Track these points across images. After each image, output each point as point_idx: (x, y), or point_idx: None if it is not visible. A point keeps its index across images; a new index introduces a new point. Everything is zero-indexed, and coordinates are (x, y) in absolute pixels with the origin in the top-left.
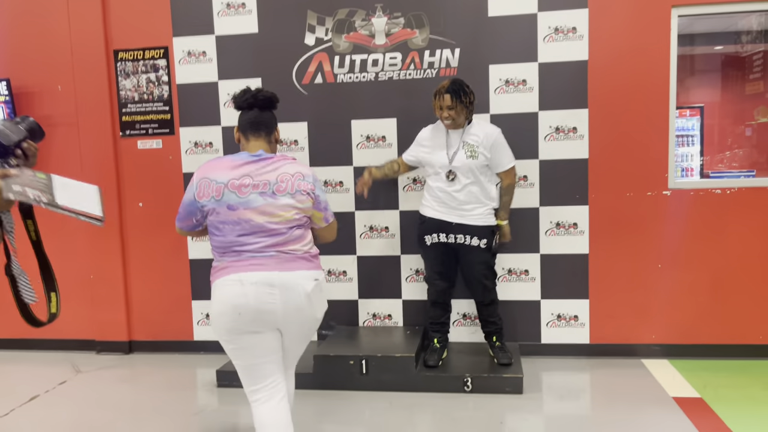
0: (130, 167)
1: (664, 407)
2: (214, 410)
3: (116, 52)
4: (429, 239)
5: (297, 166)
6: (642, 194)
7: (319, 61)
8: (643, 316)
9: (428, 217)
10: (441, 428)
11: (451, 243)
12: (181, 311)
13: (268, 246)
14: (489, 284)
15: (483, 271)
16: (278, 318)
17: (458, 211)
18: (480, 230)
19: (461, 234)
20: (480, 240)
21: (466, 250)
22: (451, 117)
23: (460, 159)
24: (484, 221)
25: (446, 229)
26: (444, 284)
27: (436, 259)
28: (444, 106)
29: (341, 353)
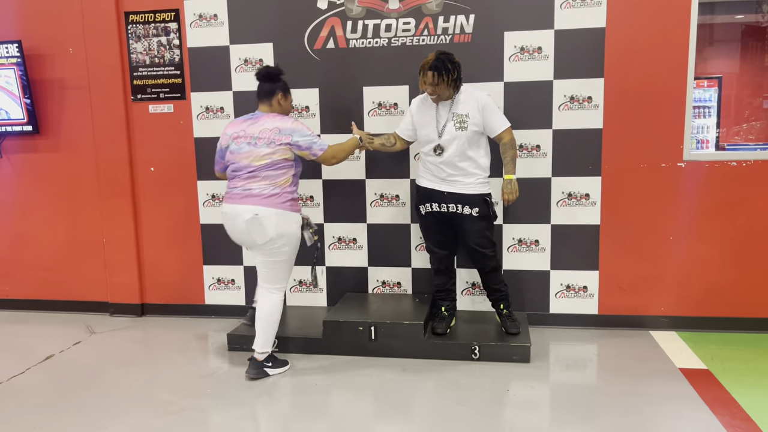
0: (142, 132)
1: (670, 378)
2: (224, 372)
3: (127, 14)
4: (423, 208)
5: (277, 122)
6: (656, 166)
7: (331, 25)
8: (653, 288)
9: (422, 187)
10: (448, 394)
11: (445, 212)
12: (192, 275)
13: (239, 185)
14: (488, 252)
15: (478, 239)
16: (239, 239)
17: (447, 181)
18: (471, 198)
19: (453, 203)
20: (472, 209)
21: (461, 219)
22: (435, 93)
23: (449, 132)
24: (475, 189)
25: (439, 199)
26: (443, 252)
27: (432, 227)
28: (428, 83)
29: (350, 319)
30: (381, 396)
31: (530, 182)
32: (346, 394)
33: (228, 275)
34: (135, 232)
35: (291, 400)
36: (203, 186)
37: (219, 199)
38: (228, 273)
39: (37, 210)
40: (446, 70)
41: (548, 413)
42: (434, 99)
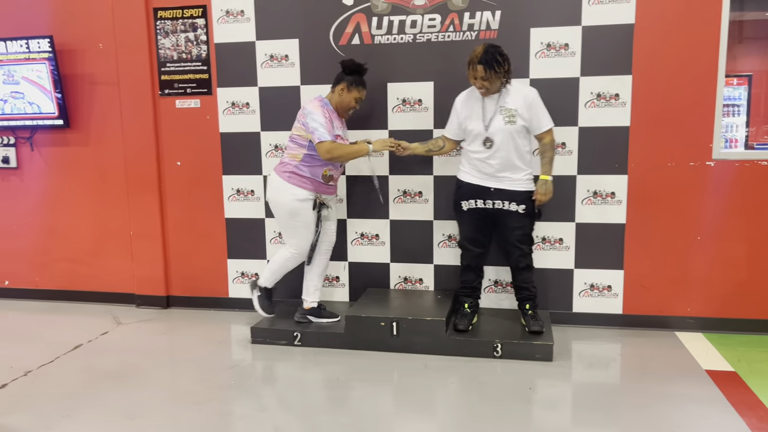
0: (169, 126)
1: (696, 379)
2: (248, 365)
3: (156, 10)
4: (465, 204)
5: (309, 102)
6: (684, 164)
7: (356, 21)
8: (679, 288)
9: (465, 182)
10: (469, 391)
11: (489, 209)
12: (217, 269)
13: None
14: (525, 249)
15: (520, 236)
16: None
17: (495, 177)
18: (518, 195)
19: (499, 199)
20: (518, 205)
21: (504, 215)
22: (484, 87)
23: (496, 125)
24: (523, 186)
25: (483, 195)
26: (478, 250)
27: (471, 224)
28: (477, 77)
29: (372, 314)
30: (402, 392)
31: (555, 180)
32: (368, 389)
33: (252, 269)
34: (161, 225)
35: (313, 394)
36: (228, 180)
37: (243, 193)
38: (252, 267)
39: (67, 203)
40: (496, 63)
41: (571, 412)
42: (483, 93)
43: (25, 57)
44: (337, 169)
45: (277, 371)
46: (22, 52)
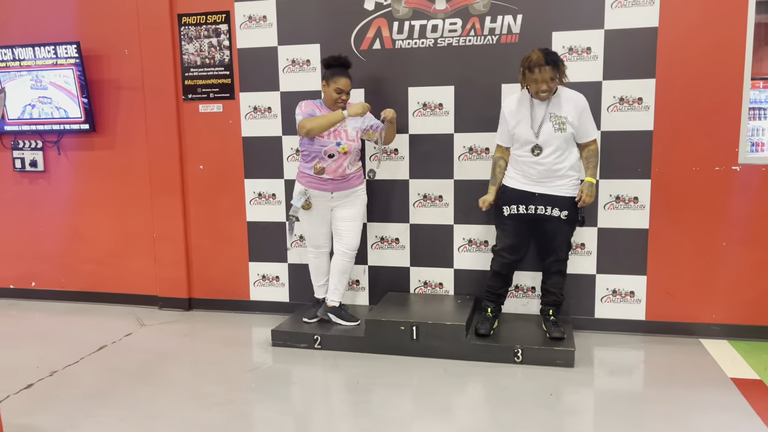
0: (192, 130)
1: (721, 388)
2: (268, 367)
3: (180, 16)
4: (507, 210)
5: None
6: (709, 169)
7: (378, 26)
8: (704, 294)
9: (510, 188)
10: (490, 397)
11: (531, 214)
12: (238, 271)
13: None
14: (562, 255)
15: (559, 242)
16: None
17: (542, 183)
18: (563, 201)
19: (542, 205)
20: (561, 211)
21: (545, 220)
22: (549, 89)
23: (546, 132)
24: (567, 192)
25: (528, 201)
26: (512, 258)
27: (510, 231)
28: (545, 79)
29: (392, 318)
30: (422, 396)
31: None
32: (387, 393)
33: (273, 272)
34: (184, 228)
35: (333, 397)
36: (250, 184)
37: (265, 197)
38: (273, 270)
39: (92, 205)
40: (561, 62)
41: (592, 419)
42: (545, 96)
43: (53, 63)
44: (328, 161)
45: (298, 374)
46: (49, 57)
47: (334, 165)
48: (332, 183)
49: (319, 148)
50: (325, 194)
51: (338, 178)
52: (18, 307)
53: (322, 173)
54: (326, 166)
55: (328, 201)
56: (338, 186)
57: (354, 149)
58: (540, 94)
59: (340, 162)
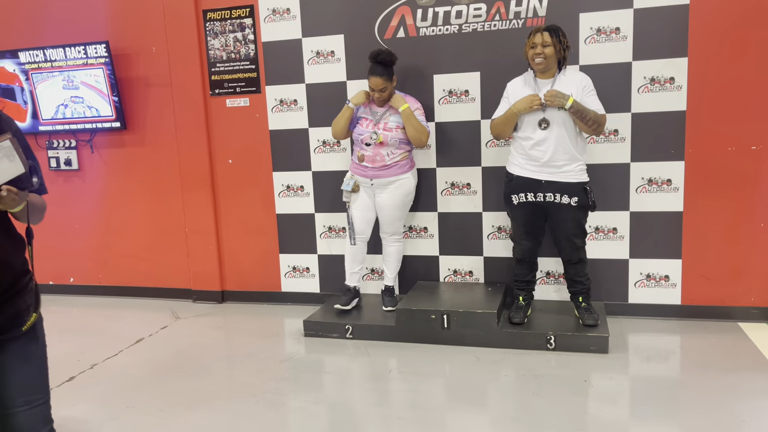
0: (220, 125)
1: (762, 371)
2: (301, 358)
3: (205, 12)
4: (516, 198)
5: None
6: (746, 148)
7: (401, 14)
8: (742, 277)
9: (516, 176)
10: (523, 384)
11: (540, 202)
12: (269, 264)
13: None
14: (578, 242)
15: (573, 229)
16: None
17: (548, 168)
18: (571, 187)
19: (551, 192)
20: (571, 198)
21: (556, 208)
22: (544, 55)
23: (552, 110)
24: (575, 178)
25: (535, 188)
26: (530, 243)
27: (523, 218)
28: (537, 44)
29: (423, 307)
30: (455, 385)
31: (608, 168)
32: (420, 382)
33: (303, 263)
34: (215, 222)
35: (365, 386)
36: (279, 177)
37: (293, 189)
38: (303, 261)
39: (126, 202)
40: (562, 33)
41: (629, 406)
42: (540, 63)
43: (83, 62)
44: (366, 149)
45: (330, 364)
46: (80, 57)
47: (371, 153)
48: (372, 170)
49: (357, 136)
50: (365, 180)
51: (377, 167)
52: (58, 303)
53: (362, 160)
54: (365, 154)
55: (369, 187)
56: (377, 173)
57: (392, 140)
58: (535, 60)
59: (377, 151)
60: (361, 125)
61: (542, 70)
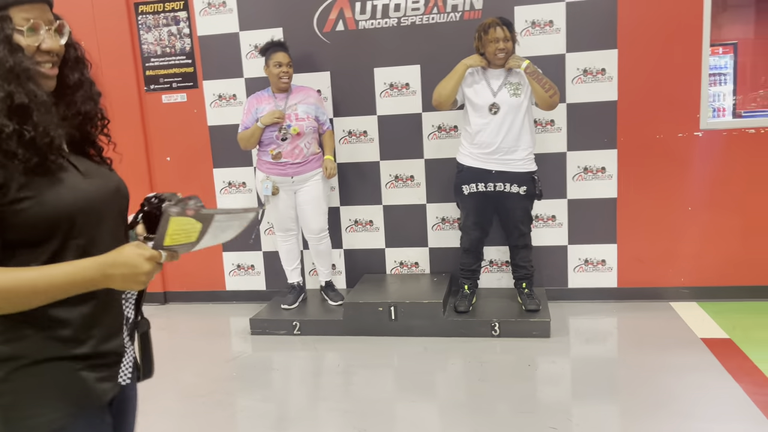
0: (156, 122)
1: (693, 348)
2: (248, 356)
3: (137, 5)
4: (467, 189)
5: None
6: (673, 136)
7: (340, 8)
8: (673, 259)
9: (466, 166)
10: (470, 371)
11: (491, 191)
12: (212, 262)
13: None
14: (525, 229)
15: (521, 217)
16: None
17: (498, 155)
18: (520, 177)
19: (501, 182)
20: (520, 187)
21: (506, 197)
22: (506, 49)
23: (503, 97)
24: (524, 167)
25: (485, 178)
26: (479, 233)
27: (473, 208)
28: (499, 38)
29: (370, 300)
30: (403, 375)
31: (545, 157)
32: (369, 374)
33: (247, 261)
34: None
35: (314, 382)
36: (219, 173)
37: (235, 186)
38: (247, 259)
39: None
40: (512, 26)
41: (571, 387)
42: (501, 58)
43: None
44: (283, 145)
45: (278, 361)
46: None
47: (290, 147)
48: (291, 167)
49: (270, 134)
50: (285, 179)
51: (297, 162)
52: None
53: (279, 158)
54: (282, 151)
55: (290, 185)
56: (297, 169)
57: (308, 130)
58: (498, 54)
59: (295, 143)
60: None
61: (502, 63)
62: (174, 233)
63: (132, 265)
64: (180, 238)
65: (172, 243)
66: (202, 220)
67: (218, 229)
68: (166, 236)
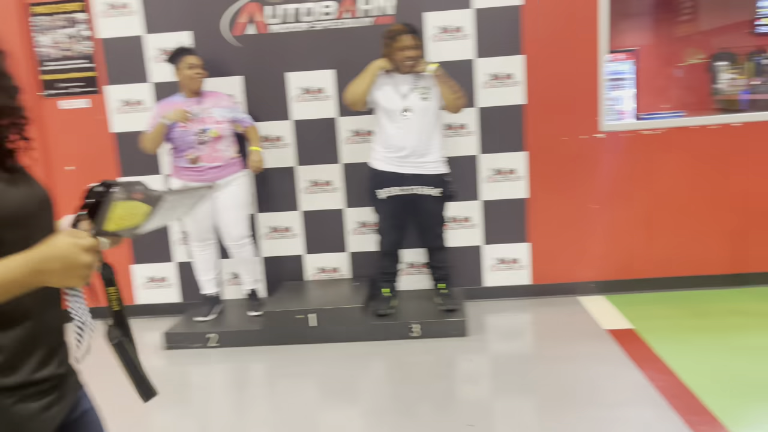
0: (55, 129)
1: (599, 339)
2: (163, 372)
3: (32, 5)
4: (382, 193)
5: None
6: (576, 138)
7: (250, 11)
8: (581, 255)
9: (380, 170)
10: (391, 374)
11: (406, 195)
12: (121, 275)
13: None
14: (439, 231)
15: (436, 218)
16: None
17: (411, 158)
18: (434, 179)
19: (415, 185)
20: (434, 189)
21: (420, 200)
22: (417, 55)
23: (413, 100)
24: (437, 170)
25: (400, 182)
26: (396, 236)
27: (389, 212)
28: (407, 46)
29: (290, 308)
30: (326, 382)
31: (458, 161)
32: (291, 383)
33: (160, 273)
34: None
35: (235, 395)
36: None
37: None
38: (160, 271)
39: None
40: (420, 32)
41: (488, 384)
42: (411, 65)
43: None
44: (201, 149)
45: (196, 375)
46: None
47: (209, 150)
48: (210, 171)
49: (188, 139)
50: (204, 185)
51: (216, 165)
52: None
53: (197, 162)
54: (201, 154)
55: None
56: (217, 174)
57: (226, 133)
58: (407, 62)
59: (214, 147)
60: (186, 127)
61: (412, 70)
62: (119, 218)
63: (66, 257)
64: (125, 223)
65: (118, 228)
66: (150, 203)
67: (168, 209)
68: (109, 221)
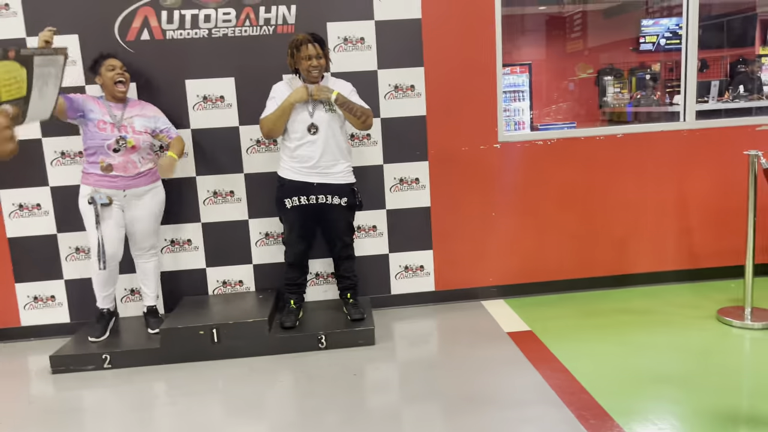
0: None
1: (500, 342)
2: (50, 397)
3: None
4: (289, 202)
5: None
6: (476, 148)
7: (144, 15)
8: (481, 261)
9: (288, 180)
10: (297, 387)
11: (313, 204)
12: (2, 296)
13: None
14: (348, 240)
15: (343, 228)
16: None
17: (318, 169)
18: (341, 188)
19: (323, 194)
20: (341, 198)
21: (328, 209)
22: (320, 66)
23: (320, 113)
24: (345, 179)
25: (307, 191)
26: (303, 246)
27: (296, 221)
28: (312, 56)
29: (190, 324)
30: (230, 399)
31: (364, 170)
32: (192, 402)
33: (46, 292)
34: None
35: (130, 417)
36: (7, 195)
37: (27, 208)
38: (46, 289)
39: None
40: (324, 42)
41: (396, 392)
42: (316, 75)
43: None
44: (114, 157)
45: (87, 400)
46: None
47: (122, 160)
48: (123, 180)
49: (101, 142)
50: (117, 192)
51: (131, 175)
52: None
53: (109, 170)
54: (113, 163)
55: (120, 200)
56: (130, 183)
57: (143, 144)
58: (311, 71)
59: (128, 157)
60: (103, 130)
61: (316, 79)
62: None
63: None
64: (12, 90)
65: (9, 97)
66: (24, 63)
67: (40, 79)
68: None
